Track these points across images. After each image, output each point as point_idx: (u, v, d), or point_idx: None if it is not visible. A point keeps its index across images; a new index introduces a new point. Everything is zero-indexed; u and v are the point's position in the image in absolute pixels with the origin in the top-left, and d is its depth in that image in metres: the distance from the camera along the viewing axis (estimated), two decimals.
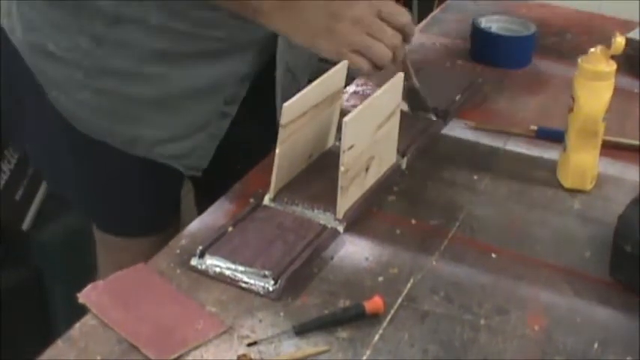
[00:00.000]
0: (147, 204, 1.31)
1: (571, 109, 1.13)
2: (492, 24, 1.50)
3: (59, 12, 1.16)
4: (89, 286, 0.92)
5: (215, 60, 1.18)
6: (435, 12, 1.72)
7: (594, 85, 1.11)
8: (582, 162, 1.13)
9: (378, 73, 1.13)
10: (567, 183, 1.14)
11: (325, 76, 1.06)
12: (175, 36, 1.15)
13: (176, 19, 1.14)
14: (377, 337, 0.88)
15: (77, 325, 0.87)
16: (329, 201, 1.02)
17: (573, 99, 1.12)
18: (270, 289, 0.92)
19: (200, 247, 0.95)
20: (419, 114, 1.24)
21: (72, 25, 1.16)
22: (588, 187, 1.14)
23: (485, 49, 1.47)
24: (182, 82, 1.19)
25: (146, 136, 1.22)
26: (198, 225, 1.03)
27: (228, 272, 0.93)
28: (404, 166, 1.15)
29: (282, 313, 0.90)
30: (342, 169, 0.99)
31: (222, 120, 1.23)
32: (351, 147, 0.99)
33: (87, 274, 1.45)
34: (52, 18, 1.17)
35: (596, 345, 0.89)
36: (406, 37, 1.14)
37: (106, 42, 1.15)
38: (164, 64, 1.17)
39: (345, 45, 1.09)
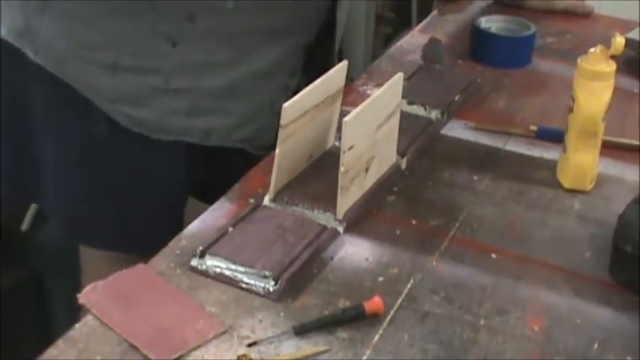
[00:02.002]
0: (149, 217, 1.30)
1: (571, 110, 1.13)
2: (492, 24, 1.50)
3: (126, 22, 1.14)
4: (89, 287, 0.91)
5: (280, 35, 1.19)
6: (435, 12, 1.72)
7: (594, 85, 1.11)
8: (582, 162, 1.13)
9: (378, 73, 1.14)
10: (567, 183, 1.14)
11: (325, 76, 1.07)
12: (251, 15, 1.15)
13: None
14: (377, 337, 0.88)
15: (77, 325, 0.87)
16: (329, 201, 1.02)
17: (573, 99, 1.12)
18: (271, 289, 0.92)
19: (200, 248, 0.95)
20: (429, 65, 1.29)
21: (146, 32, 1.15)
22: (588, 187, 1.14)
23: (485, 49, 1.47)
24: (251, 65, 1.20)
25: (221, 126, 1.23)
26: (198, 225, 1.03)
27: (228, 273, 0.93)
28: (404, 166, 1.15)
29: (282, 314, 0.90)
30: (342, 169, 0.99)
31: (286, 94, 1.23)
32: (351, 147, 0.99)
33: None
34: (120, 30, 1.15)
35: (596, 345, 0.89)
36: None
37: (183, 39, 1.15)
38: (234, 50, 1.18)
39: None
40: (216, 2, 1.14)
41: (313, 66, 1.26)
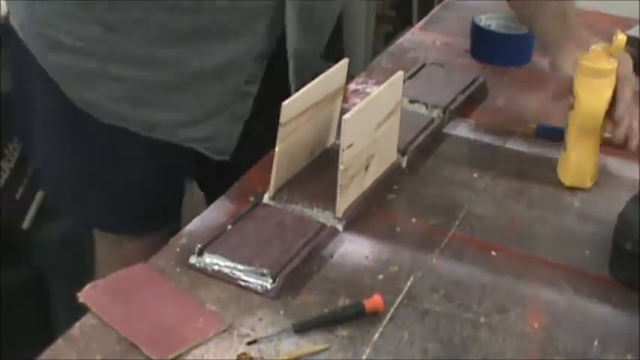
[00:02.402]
0: (149, 200, 1.31)
1: (571, 107, 1.13)
2: (492, 22, 1.50)
3: (70, 2, 1.16)
4: (89, 286, 0.92)
5: (227, 37, 1.18)
6: (435, 10, 1.72)
7: (595, 83, 1.10)
8: (582, 160, 1.13)
9: (378, 70, 1.13)
10: (567, 181, 1.14)
11: (326, 74, 1.07)
12: (191, 14, 1.14)
13: None
14: (377, 335, 0.88)
15: (77, 324, 0.87)
16: (328, 199, 1.02)
17: (574, 96, 1.12)
18: (269, 287, 0.92)
19: (199, 245, 0.95)
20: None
21: (84, 15, 1.16)
22: (588, 184, 1.14)
23: (484, 47, 1.47)
24: (197, 63, 1.19)
25: (166, 120, 1.22)
26: (198, 223, 1.03)
27: (226, 270, 0.93)
28: (404, 164, 1.15)
29: (282, 312, 0.90)
30: (341, 167, 0.99)
31: (244, 100, 1.23)
32: (350, 145, 0.99)
33: (87, 273, 1.45)
34: (64, 10, 1.17)
35: (596, 343, 0.89)
36: None
37: (119, 28, 1.16)
38: (177, 46, 1.17)
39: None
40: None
41: (273, 78, 1.24)
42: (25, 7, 1.21)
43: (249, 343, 0.85)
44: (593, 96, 1.10)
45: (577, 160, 1.13)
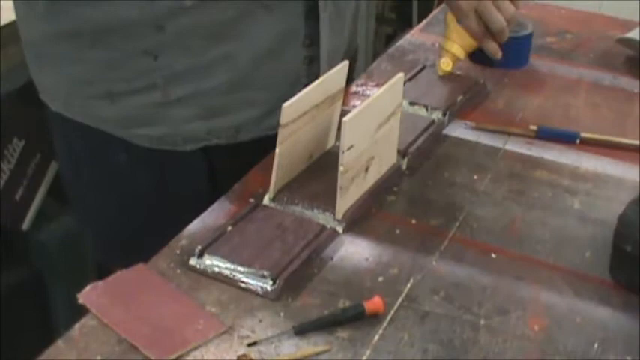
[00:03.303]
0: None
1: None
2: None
3: (106, 50, 1.17)
4: (89, 287, 0.92)
5: (262, 12, 1.17)
6: (435, 12, 1.72)
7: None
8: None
9: (378, 72, 1.14)
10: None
11: (326, 75, 1.07)
12: (210, 8, 1.14)
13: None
14: (377, 337, 0.88)
15: (77, 325, 0.87)
16: (329, 201, 1.02)
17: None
18: (269, 289, 0.92)
19: (199, 247, 0.95)
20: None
21: (125, 54, 1.16)
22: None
23: (481, 49, 1.47)
24: (245, 51, 1.18)
25: (248, 119, 1.23)
26: (198, 225, 1.03)
27: (226, 272, 0.93)
28: (404, 166, 1.15)
29: (282, 313, 0.90)
30: (341, 169, 0.99)
31: (310, 63, 1.23)
32: (350, 147, 0.99)
33: (87, 274, 1.45)
34: (102, 59, 1.18)
35: (596, 345, 0.90)
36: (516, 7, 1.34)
37: (161, 51, 1.16)
38: (219, 42, 1.16)
39: (475, 5, 1.29)
40: (175, 4, 1.13)
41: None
42: (58, 82, 1.22)
43: (249, 345, 0.86)
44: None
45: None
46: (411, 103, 1.26)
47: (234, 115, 1.22)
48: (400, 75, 1.08)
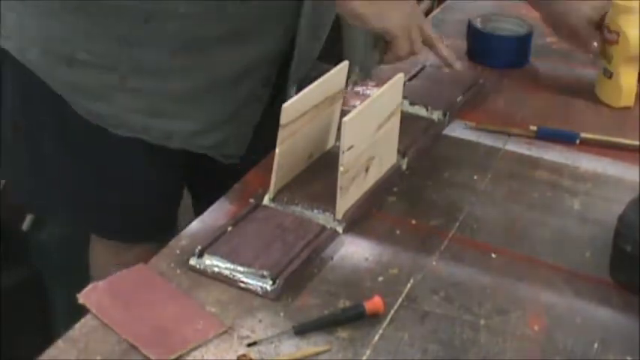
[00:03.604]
0: (147, 208, 1.31)
1: (614, 42, 1.31)
2: (487, 24, 1.49)
3: (87, 19, 1.16)
4: (89, 287, 0.92)
5: (246, 42, 1.19)
6: (435, 12, 1.72)
7: (635, 18, 1.29)
8: (630, 84, 1.34)
9: (378, 72, 1.14)
10: (620, 103, 1.34)
11: (326, 76, 1.07)
12: (204, 21, 1.15)
13: (204, 3, 1.14)
14: (377, 337, 0.88)
15: (77, 325, 0.87)
16: (329, 201, 1.02)
17: (617, 33, 1.30)
18: (269, 289, 0.92)
19: (199, 247, 0.95)
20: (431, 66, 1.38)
21: (103, 30, 1.16)
22: (632, 103, 1.34)
23: (480, 49, 1.47)
24: (213, 71, 1.19)
25: (183, 129, 1.23)
26: (198, 225, 1.03)
27: (226, 272, 0.93)
28: (404, 166, 1.15)
29: (282, 314, 0.90)
30: (341, 169, 0.99)
31: (258, 104, 1.24)
32: (350, 147, 0.99)
33: (87, 274, 1.45)
34: (80, 27, 1.16)
35: (596, 345, 0.89)
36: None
37: (138, 41, 1.16)
38: (196, 54, 1.18)
39: (410, 26, 1.22)
40: (169, 4, 1.14)
41: (288, 76, 1.26)
42: (29, 28, 1.20)
43: (249, 345, 0.85)
44: (635, 29, 1.29)
45: (626, 85, 1.33)
46: (412, 103, 1.26)
47: (171, 120, 1.22)
48: (400, 75, 1.08)
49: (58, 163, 1.28)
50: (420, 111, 1.27)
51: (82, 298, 0.90)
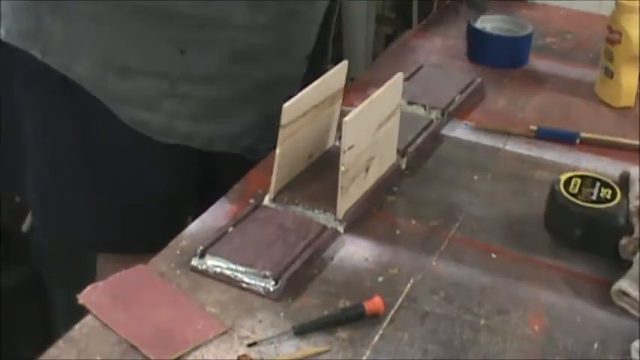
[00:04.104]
0: (161, 219, 1.31)
1: (616, 42, 1.32)
2: (487, 24, 1.49)
3: (142, 25, 1.16)
4: (89, 287, 0.92)
5: (285, 51, 1.24)
6: (435, 12, 1.72)
7: (638, 18, 1.31)
8: (631, 84, 1.34)
9: (378, 72, 1.15)
10: (620, 103, 1.35)
11: (326, 76, 1.07)
12: (255, 31, 1.18)
13: (260, 14, 1.17)
14: (377, 337, 0.88)
15: (77, 325, 0.87)
16: (329, 201, 1.02)
17: (620, 33, 1.31)
18: (271, 289, 0.92)
19: (201, 248, 0.95)
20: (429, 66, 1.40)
21: (157, 36, 1.17)
22: (632, 103, 1.35)
23: (480, 49, 1.47)
24: (257, 77, 1.23)
25: (225, 133, 1.25)
26: (198, 226, 1.03)
27: (228, 272, 0.93)
28: (404, 166, 1.15)
29: (282, 314, 0.90)
30: (342, 169, 0.99)
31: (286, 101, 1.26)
32: (351, 147, 0.99)
33: (86, 274, 1.45)
34: (135, 34, 1.17)
35: (596, 345, 0.90)
36: None
37: (191, 48, 1.17)
38: (244, 61, 1.20)
39: None
40: (225, 14, 1.16)
41: (311, 73, 1.29)
42: (79, 40, 1.19)
43: (249, 345, 0.85)
44: (638, 29, 1.31)
45: (627, 85, 1.34)
46: (409, 103, 1.26)
47: (215, 125, 1.24)
48: (400, 75, 1.08)
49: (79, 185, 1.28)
50: (418, 110, 1.27)
51: (82, 298, 0.90)
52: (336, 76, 1.08)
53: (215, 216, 1.05)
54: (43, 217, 1.35)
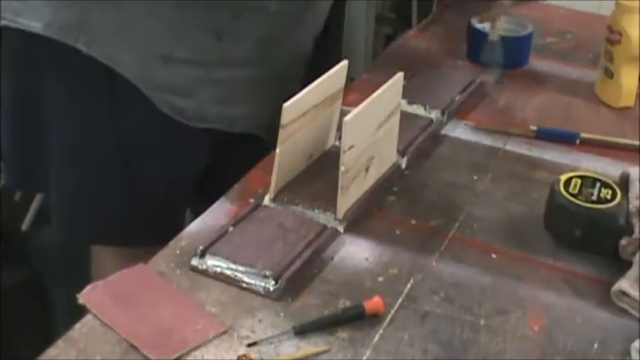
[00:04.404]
0: (162, 211, 1.32)
1: (616, 42, 1.32)
2: (487, 24, 1.49)
3: (185, 15, 1.20)
4: (89, 287, 0.92)
5: (300, 33, 1.30)
6: (435, 12, 1.72)
7: (638, 18, 1.30)
8: (631, 84, 1.34)
9: (378, 72, 1.16)
10: (620, 103, 1.34)
11: (325, 76, 1.07)
12: (285, 17, 1.24)
13: (290, 1, 1.23)
14: (377, 337, 0.88)
15: (77, 325, 0.87)
16: (329, 201, 1.02)
17: (620, 33, 1.31)
18: (271, 289, 0.92)
19: (201, 247, 0.95)
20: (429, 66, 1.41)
21: (198, 25, 1.21)
22: (632, 103, 1.35)
23: (480, 49, 1.47)
24: (278, 59, 1.28)
25: (246, 113, 1.29)
26: (198, 225, 1.03)
27: (228, 272, 0.93)
28: (404, 166, 1.15)
29: (282, 314, 0.90)
30: (342, 169, 0.99)
31: (299, 83, 1.28)
32: (351, 147, 0.99)
33: (86, 274, 1.45)
34: (178, 23, 1.20)
35: (596, 345, 0.90)
36: None
37: (227, 35, 1.21)
38: (271, 44, 1.25)
39: None
40: (261, 3, 1.21)
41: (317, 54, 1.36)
42: (125, 31, 1.20)
43: (249, 345, 0.85)
44: (638, 29, 1.30)
45: (627, 85, 1.33)
46: (409, 102, 1.26)
47: (239, 106, 1.28)
48: (399, 75, 1.08)
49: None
50: (417, 110, 1.27)
51: (82, 298, 0.90)
52: (336, 76, 1.08)
53: (215, 216, 1.05)
54: (70, 216, 1.36)
